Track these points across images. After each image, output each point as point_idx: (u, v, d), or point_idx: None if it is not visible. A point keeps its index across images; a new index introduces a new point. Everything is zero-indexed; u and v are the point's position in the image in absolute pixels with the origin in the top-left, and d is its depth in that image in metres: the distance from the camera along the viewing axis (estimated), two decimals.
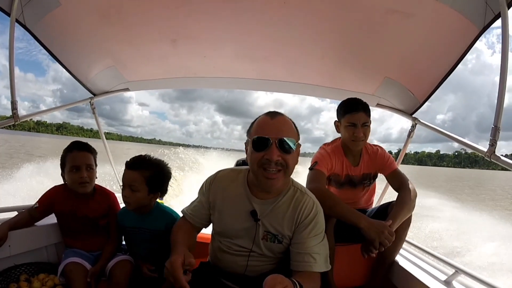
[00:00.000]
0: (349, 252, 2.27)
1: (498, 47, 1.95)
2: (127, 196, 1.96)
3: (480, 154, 1.95)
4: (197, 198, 1.79)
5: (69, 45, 2.64)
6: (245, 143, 1.61)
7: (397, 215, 2.00)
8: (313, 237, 1.57)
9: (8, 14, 2.08)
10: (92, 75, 3.05)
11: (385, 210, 2.22)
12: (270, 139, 1.45)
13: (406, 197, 2.14)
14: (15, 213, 2.19)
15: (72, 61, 2.83)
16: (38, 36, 2.39)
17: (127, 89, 3.38)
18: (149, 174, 1.98)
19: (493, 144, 1.82)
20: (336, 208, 1.97)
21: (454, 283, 2.02)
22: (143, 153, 2.08)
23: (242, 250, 1.65)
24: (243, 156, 2.10)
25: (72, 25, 2.42)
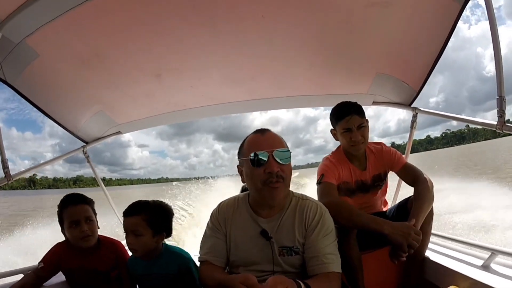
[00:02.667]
0: (376, 258, 2.14)
1: (474, 19, 1.90)
2: (132, 243, 1.87)
3: (490, 128, 1.88)
4: (209, 237, 1.71)
5: (54, 96, 2.59)
6: (238, 166, 1.64)
7: (419, 212, 1.88)
8: (323, 238, 1.55)
9: None
10: (82, 123, 2.97)
11: (405, 207, 2.10)
12: (267, 152, 1.48)
13: (424, 190, 2.01)
14: (21, 275, 2.07)
15: (59, 112, 2.76)
16: (21, 90, 2.33)
17: (119, 132, 3.33)
18: (150, 216, 1.89)
19: (501, 115, 1.76)
20: (355, 219, 1.86)
21: (493, 265, 1.90)
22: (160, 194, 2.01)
23: (264, 274, 1.56)
24: None
25: (54, 75, 2.37)
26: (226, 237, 1.66)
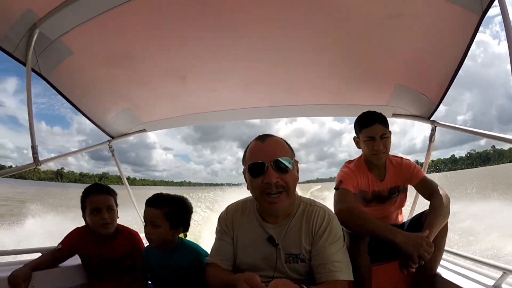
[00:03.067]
0: (386, 271, 2.10)
1: (503, 34, 1.85)
2: (149, 232, 1.94)
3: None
4: (217, 240, 1.72)
5: (84, 91, 2.73)
6: (243, 172, 1.60)
7: (433, 224, 1.84)
8: (330, 245, 1.50)
9: (24, 64, 2.17)
10: (109, 119, 3.11)
11: (419, 221, 2.06)
12: (265, 162, 1.44)
13: (438, 204, 1.97)
14: (39, 254, 2.16)
15: (89, 106, 2.91)
16: (54, 83, 2.48)
17: (144, 130, 3.44)
18: (169, 210, 1.95)
19: None
20: (368, 226, 1.83)
21: (504, 286, 1.84)
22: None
23: (268, 280, 1.52)
24: None
25: (86, 72, 2.52)
26: (233, 240, 1.65)
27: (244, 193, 1.72)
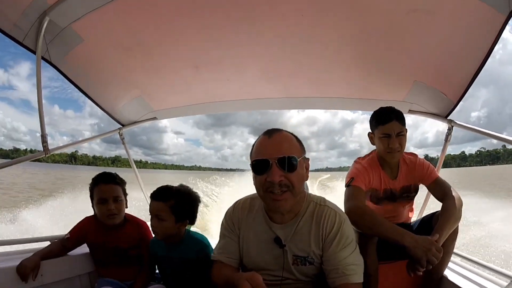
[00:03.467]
0: (393, 270, 2.09)
1: None
2: (155, 226, 1.93)
3: None
4: (223, 237, 1.67)
5: (95, 79, 2.68)
6: (250, 165, 1.51)
7: (443, 228, 1.80)
8: (342, 249, 1.45)
9: (34, 52, 2.11)
10: (120, 106, 3.07)
11: (429, 222, 2.04)
12: (269, 160, 1.36)
13: (451, 207, 1.93)
14: (48, 243, 2.19)
15: (99, 94, 2.86)
16: (64, 71, 2.43)
17: (154, 118, 3.40)
18: (174, 203, 1.93)
19: None
20: (377, 227, 1.80)
21: None
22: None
23: (273, 279, 1.54)
24: None
25: (96, 59, 2.47)
26: (239, 238, 1.62)
27: None
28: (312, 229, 1.49)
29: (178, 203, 1.94)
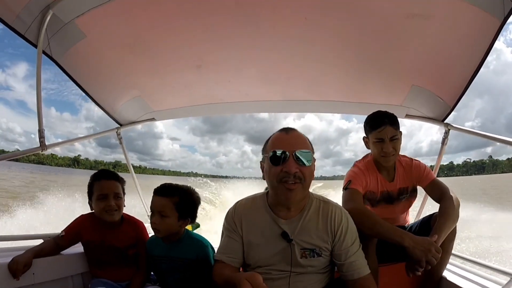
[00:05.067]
0: (393, 272, 2.09)
1: None
2: (157, 222, 1.89)
3: None
4: (225, 237, 1.69)
5: (95, 76, 2.65)
6: (261, 162, 1.63)
7: (441, 228, 1.81)
8: (352, 244, 1.57)
9: (35, 46, 2.08)
10: (119, 106, 3.03)
11: (428, 223, 2.04)
12: (287, 152, 1.46)
13: (449, 208, 1.94)
14: (41, 241, 2.11)
15: (99, 92, 2.82)
16: (65, 67, 2.40)
17: (153, 119, 3.36)
18: (179, 200, 1.92)
19: None
20: (377, 228, 1.81)
21: None
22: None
23: (281, 273, 1.58)
24: None
25: (98, 57, 2.44)
26: (242, 238, 1.63)
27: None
28: (319, 223, 1.57)
29: (182, 200, 1.93)
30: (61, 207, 10.45)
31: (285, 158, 1.45)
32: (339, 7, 1.97)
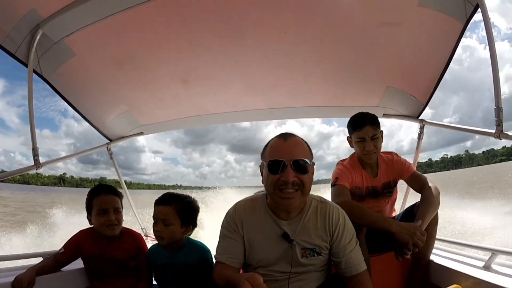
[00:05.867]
0: (383, 261, 2.16)
1: None
2: (160, 231, 1.91)
3: (489, 136, 1.99)
4: (224, 238, 1.66)
5: (85, 93, 2.68)
6: (260, 166, 1.60)
7: (425, 214, 1.94)
8: (349, 242, 1.58)
9: (26, 65, 2.11)
10: (108, 121, 3.06)
11: (411, 212, 2.16)
12: (285, 161, 1.43)
13: (430, 196, 2.08)
14: (40, 259, 2.09)
15: (88, 109, 2.85)
16: (55, 85, 2.43)
17: (141, 133, 3.40)
18: (181, 208, 1.95)
19: (499, 124, 1.89)
20: (366, 217, 1.90)
21: (494, 266, 1.95)
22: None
23: (281, 274, 1.59)
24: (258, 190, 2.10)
25: (87, 74, 2.48)
26: (243, 238, 1.61)
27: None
28: (318, 223, 1.58)
29: (184, 207, 1.96)
30: None
31: (283, 167, 1.43)
32: (315, 19, 2.11)
